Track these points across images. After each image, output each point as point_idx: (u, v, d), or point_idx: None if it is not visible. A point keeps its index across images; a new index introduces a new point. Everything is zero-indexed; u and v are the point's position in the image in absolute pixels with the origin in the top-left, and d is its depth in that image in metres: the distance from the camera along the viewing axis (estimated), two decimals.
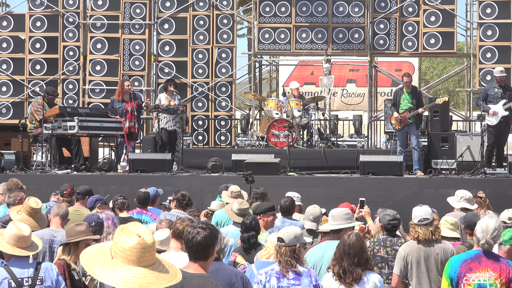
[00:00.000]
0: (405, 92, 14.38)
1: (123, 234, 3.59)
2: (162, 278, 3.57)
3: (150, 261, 3.57)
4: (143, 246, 3.55)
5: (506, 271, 5.56)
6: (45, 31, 18.76)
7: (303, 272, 6.16)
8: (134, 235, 3.56)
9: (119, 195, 9.72)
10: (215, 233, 4.65)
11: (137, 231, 3.59)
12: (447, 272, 5.69)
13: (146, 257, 3.56)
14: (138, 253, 3.53)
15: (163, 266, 3.65)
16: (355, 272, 6.03)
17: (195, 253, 4.57)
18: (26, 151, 15.39)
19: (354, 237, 6.17)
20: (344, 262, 6.05)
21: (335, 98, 25.39)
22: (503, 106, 14.31)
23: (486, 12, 18.01)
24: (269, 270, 6.14)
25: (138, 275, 3.51)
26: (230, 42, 18.65)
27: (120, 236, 3.58)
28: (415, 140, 14.31)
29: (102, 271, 3.52)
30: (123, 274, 3.50)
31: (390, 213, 7.55)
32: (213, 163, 14.45)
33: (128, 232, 3.58)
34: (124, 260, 3.53)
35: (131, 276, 3.50)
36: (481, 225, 5.61)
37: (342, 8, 18.38)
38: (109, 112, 14.52)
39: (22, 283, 5.64)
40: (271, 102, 16.01)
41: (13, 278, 5.62)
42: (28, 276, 5.67)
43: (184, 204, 9.10)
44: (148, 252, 3.57)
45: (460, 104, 31.39)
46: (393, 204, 11.03)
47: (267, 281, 6.08)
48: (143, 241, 3.56)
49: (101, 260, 3.57)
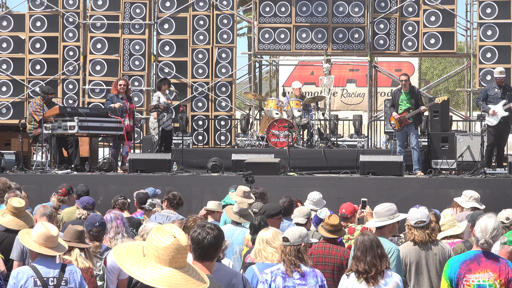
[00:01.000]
0: (403, 92, 14.39)
1: (158, 233, 3.60)
2: (191, 282, 3.58)
3: (182, 264, 3.59)
4: (177, 247, 3.56)
5: (506, 272, 5.55)
6: (45, 31, 18.76)
7: (308, 272, 6.14)
8: (170, 235, 3.58)
9: (120, 195, 9.71)
10: (222, 233, 4.67)
11: (173, 232, 3.61)
12: (446, 273, 5.68)
13: (178, 259, 3.57)
14: (171, 253, 3.55)
15: (193, 271, 3.66)
16: (379, 265, 5.93)
17: (205, 253, 4.58)
18: (26, 151, 15.39)
19: (370, 233, 6.15)
20: (368, 257, 5.96)
21: (335, 98, 25.39)
22: (503, 107, 14.31)
23: (486, 12, 18.02)
24: (274, 270, 6.12)
25: (168, 275, 3.52)
26: (230, 42, 18.65)
27: (155, 235, 3.60)
28: (415, 140, 14.31)
29: (133, 266, 3.54)
30: (153, 272, 3.52)
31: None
32: (213, 163, 14.46)
33: (163, 232, 3.60)
34: (156, 259, 3.55)
35: (161, 275, 3.51)
36: (480, 225, 5.61)
37: (342, 8, 18.39)
38: (109, 112, 14.51)
39: (47, 282, 5.69)
40: (271, 102, 16.01)
41: (39, 277, 5.69)
42: (54, 276, 5.73)
43: (174, 203, 9.09)
44: (181, 254, 3.58)
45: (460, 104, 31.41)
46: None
47: (273, 280, 6.07)
48: (178, 242, 3.57)
49: (132, 256, 3.59)
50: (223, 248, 5.74)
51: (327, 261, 7.11)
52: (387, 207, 6.99)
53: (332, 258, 7.13)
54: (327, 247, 7.20)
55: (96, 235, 6.98)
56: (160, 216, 8.84)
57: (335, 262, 7.12)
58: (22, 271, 5.78)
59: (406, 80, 14.38)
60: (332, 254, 7.14)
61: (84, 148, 15.00)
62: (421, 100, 14.52)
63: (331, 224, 7.26)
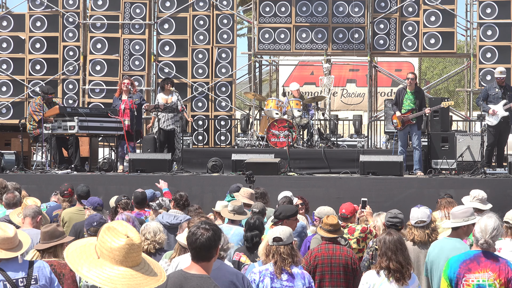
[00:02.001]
0: (408, 92, 14.34)
1: (110, 233, 3.56)
2: (150, 278, 3.56)
3: (137, 261, 3.57)
4: (131, 246, 3.54)
5: (505, 271, 5.55)
6: (45, 31, 18.76)
7: (296, 274, 6.15)
8: (122, 235, 3.55)
9: (123, 195, 9.72)
10: (218, 233, 4.64)
11: (125, 231, 3.57)
12: (446, 273, 5.68)
13: (133, 257, 3.55)
14: (125, 253, 3.52)
15: (149, 266, 3.64)
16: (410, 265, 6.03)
17: (199, 254, 4.57)
18: (26, 151, 15.40)
19: (396, 233, 6.17)
20: (400, 257, 6.00)
21: (335, 98, 25.39)
22: (503, 107, 14.31)
23: (486, 12, 18.01)
24: (263, 270, 6.15)
25: (127, 276, 3.50)
26: (230, 42, 18.65)
27: (107, 235, 3.56)
28: (417, 140, 14.29)
29: (90, 271, 3.50)
30: (111, 274, 3.49)
31: (392, 211, 7.60)
32: (213, 163, 14.46)
33: (115, 232, 3.56)
34: (111, 260, 3.52)
35: (119, 277, 3.49)
36: (479, 225, 5.61)
37: (342, 8, 18.38)
38: (109, 112, 14.52)
39: (17, 284, 5.60)
40: (271, 102, 16.01)
41: (8, 280, 5.59)
42: (22, 276, 5.64)
43: (181, 204, 9.14)
44: (136, 252, 3.56)
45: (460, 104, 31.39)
46: (393, 204, 11.02)
47: (261, 280, 6.10)
48: (131, 241, 3.54)
49: (87, 259, 3.55)
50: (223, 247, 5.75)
51: (333, 262, 7.09)
52: (464, 209, 7.02)
53: (338, 258, 7.12)
54: (331, 248, 7.19)
55: (93, 234, 6.96)
56: (168, 215, 8.87)
57: (340, 263, 7.11)
58: None
59: (413, 79, 14.33)
60: (337, 255, 7.13)
61: (84, 148, 15.00)
62: (425, 102, 14.50)
63: (330, 224, 7.25)
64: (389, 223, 7.50)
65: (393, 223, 7.48)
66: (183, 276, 4.59)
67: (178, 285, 4.55)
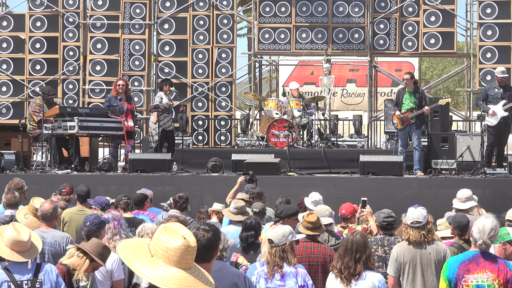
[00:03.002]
0: (408, 91, 14.34)
1: (167, 233, 3.58)
2: (200, 284, 3.57)
3: (190, 264, 3.57)
4: (187, 248, 3.54)
5: (504, 272, 5.55)
6: (45, 31, 18.77)
7: (288, 273, 6.19)
8: (179, 236, 3.56)
9: (123, 195, 9.71)
10: (218, 234, 4.64)
11: (182, 233, 3.58)
12: (445, 274, 5.68)
13: (187, 259, 3.55)
14: (181, 254, 3.53)
15: (200, 271, 3.65)
16: (354, 267, 6.07)
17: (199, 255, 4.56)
18: (26, 151, 15.39)
19: (358, 235, 6.23)
20: (346, 258, 6.10)
21: (335, 98, 25.39)
22: (503, 107, 14.30)
23: (486, 12, 18.01)
24: (260, 271, 6.20)
25: (179, 277, 3.51)
26: (230, 42, 18.65)
27: (163, 235, 3.57)
28: (417, 140, 14.29)
29: (143, 268, 3.52)
30: (164, 274, 3.50)
31: (385, 211, 7.62)
32: (213, 163, 14.46)
33: (172, 232, 3.58)
34: (165, 259, 3.52)
35: (172, 276, 3.50)
36: (477, 226, 5.61)
37: (342, 8, 18.39)
38: (109, 112, 14.51)
39: (21, 286, 5.61)
40: (271, 102, 16.01)
41: (13, 281, 5.60)
42: (28, 279, 5.64)
43: (178, 205, 9.21)
44: (190, 255, 3.57)
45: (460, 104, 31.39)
46: (393, 204, 11.03)
47: (257, 281, 6.17)
48: (188, 243, 3.55)
49: (140, 256, 3.56)
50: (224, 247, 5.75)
51: (311, 260, 7.13)
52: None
53: (315, 256, 7.15)
54: (309, 246, 7.22)
55: (86, 234, 6.94)
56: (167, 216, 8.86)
57: (318, 261, 7.14)
58: None
59: (408, 79, 14.32)
60: (315, 253, 7.16)
61: (84, 148, 14.99)
62: (425, 101, 14.47)
63: (309, 221, 7.27)
64: (384, 223, 7.52)
65: (388, 222, 7.51)
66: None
67: None
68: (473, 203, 9.17)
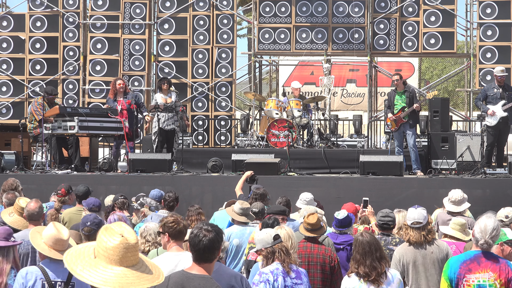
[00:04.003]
0: (398, 92, 14.41)
1: (107, 233, 3.60)
2: (144, 278, 3.57)
3: (133, 261, 3.58)
4: (126, 246, 3.55)
5: (506, 272, 5.55)
6: (45, 31, 18.76)
7: (301, 271, 6.20)
8: (117, 235, 3.57)
9: (120, 195, 9.71)
10: (220, 234, 4.64)
11: (121, 231, 3.59)
12: (446, 273, 5.68)
13: (128, 257, 3.56)
14: (120, 252, 3.54)
15: (146, 267, 3.65)
16: (379, 267, 5.96)
17: (202, 256, 4.56)
18: (26, 151, 15.39)
19: (368, 235, 6.14)
20: (367, 260, 5.99)
21: (335, 98, 25.39)
22: (502, 107, 14.29)
23: (486, 12, 18.01)
24: (274, 270, 6.13)
25: (119, 275, 3.52)
26: (230, 42, 18.65)
27: (103, 235, 3.59)
28: (412, 139, 14.30)
29: (83, 271, 3.53)
30: (104, 274, 3.51)
31: (384, 211, 7.62)
32: (213, 163, 14.46)
33: (111, 232, 3.59)
34: (106, 259, 3.54)
35: (112, 275, 3.50)
36: (479, 226, 5.61)
37: (342, 8, 18.38)
38: (109, 112, 14.51)
39: (55, 286, 5.63)
40: (271, 102, 16.01)
41: (47, 280, 5.63)
42: (61, 280, 5.66)
43: (165, 204, 9.19)
44: (131, 252, 3.57)
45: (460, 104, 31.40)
46: (393, 204, 11.02)
47: (275, 280, 6.07)
48: (126, 241, 3.56)
49: (83, 259, 3.59)
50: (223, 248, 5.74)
51: (310, 260, 7.12)
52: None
53: (315, 257, 7.14)
54: (309, 247, 7.21)
55: (87, 234, 6.95)
56: (156, 216, 8.86)
57: (318, 261, 7.13)
58: (31, 271, 5.71)
59: (398, 80, 14.39)
60: (315, 254, 7.15)
61: (84, 148, 15.00)
62: (416, 99, 14.49)
63: (309, 222, 7.26)
64: (381, 222, 7.53)
65: (385, 222, 7.51)
66: (185, 276, 4.59)
67: (180, 285, 4.55)
68: (467, 205, 9.06)
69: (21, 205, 7.54)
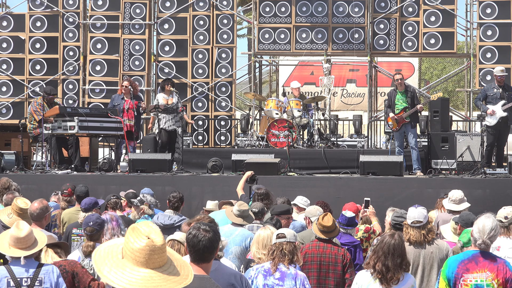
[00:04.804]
0: (399, 92, 14.39)
1: (134, 234, 3.54)
2: (171, 280, 3.50)
3: (159, 263, 3.52)
4: (152, 248, 3.49)
5: (503, 271, 5.55)
6: (45, 31, 18.76)
7: (288, 274, 6.16)
8: (144, 237, 3.51)
9: (112, 195, 9.76)
10: (218, 234, 4.63)
11: (147, 232, 3.53)
12: (444, 273, 5.69)
13: (154, 259, 3.50)
14: (146, 255, 3.48)
15: (174, 268, 3.58)
16: (398, 273, 5.86)
17: (200, 256, 4.55)
18: (26, 151, 15.40)
19: (398, 238, 6.03)
20: (389, 261, 5.88)
21: (335, 98, 25.39)
22: (502, 107, 14.28)
23: (486, 12, 18.01)
24: (259, 267, 6.19)
25: (146, 277, 3.46)
26: (230, 42, 18.65)
27: (130, 236, 3.53)
28: (413, 139, 14.30)
29: (110, 272, 3.48)
30: (130, 276, 3.46)
31: (398, 211, 7.62)
32: (213, 163, 14.46)
33: (138, 233, 3.53)
34: (133, 261, 3.49)
35: (138, 278, 3.45)
36: (477, 225, 5.61)
37: (342, 8, 18.39)
38: (109, 112, 14.52)
39: (21, 283, 5.66)
40: (271, 102, 16.01)
41: (12, 278, 5.66)
42: (28, 276, 5.69)
43: (171, 205, 9.25)
44: (157, 254, 3.51)
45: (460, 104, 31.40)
46: (393, 204, 11.02)
47: (255, 277, 6.14)
48: (152, 243, 3.50)
49: (111, 259, 3.54)
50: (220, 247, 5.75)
51: (322, 260, 7.12)
52: None
53: (327, 257, 7.14)
54: (321, 246, 7.21)
55: (89, 234, 6.97)
56: (163, 216, 8.87)
57: (330, 261, 7.12)
58: None
59: (401, 79, 14.39)
60: (327, 253, 7.15)
61: (84, 148, 15.00)
62: (417, 99, 14.50)
63: (324, 225, 7.24)
64: (394, 222, 7.53)
65: (398, 222, 7.52)
66: None
67: None
68: (467, 204, 9.18)
69: (19, 205, 7.54)
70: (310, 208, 8.64)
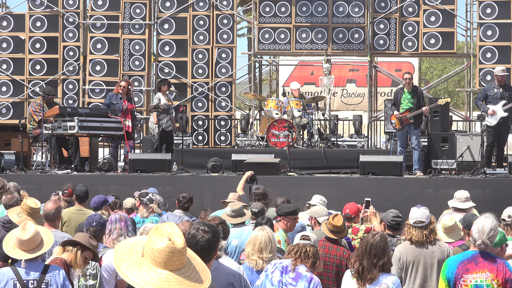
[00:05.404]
0: (406, 91, 14.35)
1: (156, 234, 3.51)
2: (187, 284, 3.48)
3: (178, 266, 3.49)
4: (172, 250, 3.46)
5: (503, 272, 5.55)
6: (45, 31, 18.77)
7: (303, 276, 6.10)
8: (165, 238, 3.48)
9: (111, 195, 9.76)
10: (217, 234, 4.62)
11: (169, 234, 3.50)
12: (444, 273, 5.68)
13: (173, 261, 3.48)
14: (166, 256, 3.45)
15: (192, 271, 3.55)
16: (371, 272, 5.94)
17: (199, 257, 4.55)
18: (26, 151, 15.39)
19: (378, 238, 6.09)
20: (364, 261, 5.98)
21: (335, 98, 25.39)
22: (503, 107, 14.28)
23: (486, 12, 18.01)
24: (277, 263, 6.15)
25: (162, 279, 3.44)
26: (230, 42, 18.65)
27: (153, 235, 3.51)
28: (416, 140, 14.29)
29: (128, 269, 3.47)
30: (147, 275, 3.44)
31: (393, 211, 7.62)
32: (213, 163, 14.45)
33: (160, 233, 3.51)
34: (152, 260, 3.47)
35: (154, 278, 3.43)
36: (477, 226, 5.60)
37: (342, 8, 18.39)
38: (109, 112, 14.51)
39: (27, 285, 5.65)
40: (271, 102, 16.01)
41: (19, 280, 5.65)
42: (34, 278, 5.68)
43: (180, 205, 9.27)
44: (176, 257, 3.48)
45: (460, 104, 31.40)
46: (393, 204, 11.03)
47: (271, 272, 6.09)
48: (173, 245, 3.47)
49: (131, 256, 3.52)
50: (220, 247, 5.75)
51: (327, 261, 7.11)
52: None
53: (332, 257, 7.14)
54: (327, 246, 7.20)
55: (92, 234, 6.98)
56: (172, 216, 8.88)
57: (334, 262, 7.12)
58: (3, 272, 5.74)
59: (410, 79, 14.36)
60: (332, 254, 7.15)
61: (84, 148, 14.99)
62: (423, 101, 14.49)
63: (334, 225, 7.25)
64: (394, 223, 7.52)
65: (397, 222, 7.52)
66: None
67: None
68: (471, 203, 9.33)
69: (29, 205, 7.54)
70: (316, 208, 8.63)
